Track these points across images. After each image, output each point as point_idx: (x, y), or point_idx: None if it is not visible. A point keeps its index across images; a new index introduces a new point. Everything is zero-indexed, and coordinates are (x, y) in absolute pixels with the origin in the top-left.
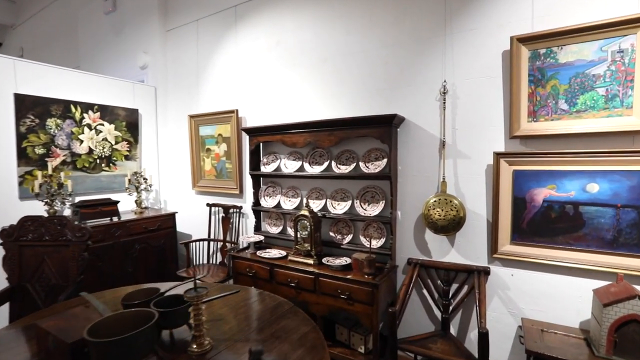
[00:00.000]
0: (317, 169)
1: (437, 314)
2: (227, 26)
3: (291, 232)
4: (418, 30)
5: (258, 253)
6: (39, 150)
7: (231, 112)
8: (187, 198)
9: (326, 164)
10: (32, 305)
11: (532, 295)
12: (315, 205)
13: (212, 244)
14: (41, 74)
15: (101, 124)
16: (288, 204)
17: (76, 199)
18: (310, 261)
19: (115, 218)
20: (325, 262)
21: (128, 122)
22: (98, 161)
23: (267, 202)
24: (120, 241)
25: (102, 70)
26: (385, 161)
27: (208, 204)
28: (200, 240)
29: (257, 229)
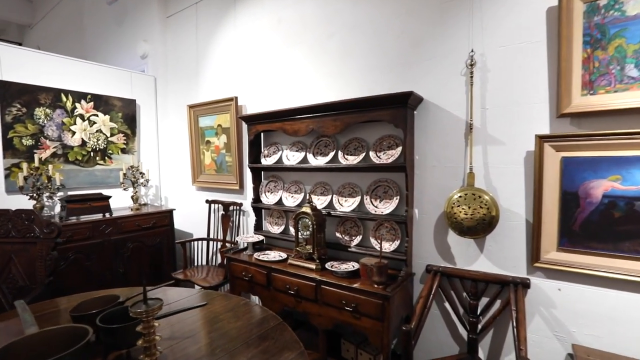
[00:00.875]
0: (322, 161)
1: (463, 333)
2: (227, 7)
3: (294, 232)
4: None
5: (255, 255)
6: (27, 141)
7: (230, 100)
8: (188, 194)
9: (332, 155)
10: None
11: (587, 316)
12: (320, 202)
13: (212, 244)
14: (28, 60)
15: (95, 115)
16: (290, 201)
17: (69, 194)
18: (312, 266)
19: (108, 214)
20: (328, 268)
21: (125, 114)
22: (92, 154)
23: (268, 199)
24: (110, 239)
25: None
26: (399, 150)
27: (207, 201)
28: (197, 239)
29: (258, 228)
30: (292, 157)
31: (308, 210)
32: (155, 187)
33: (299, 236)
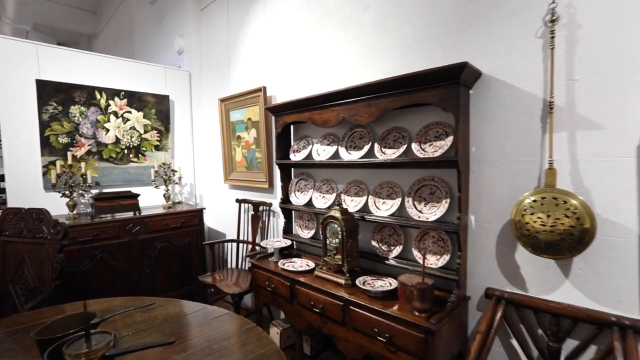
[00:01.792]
0: (356, 155)
1: None
2: None
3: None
4: None
5: (280, 263)
6: (63, 139)
7: (258, 91)
8: (220, 192)
9: (367, 148)
10: (14, 308)
11: None
12: (353, 204)
13: (242, 246)
14: (64, 59)
15: (128, 112)
16: (321, 201)
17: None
18: (340, 280)
19: (137, 213)
20: (359, 285)
21: (158, 110)
22: (126, 151)
23: (298, 199)
24: (138, 238)
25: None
26: (450, 140)
27: (237, 200)
28: (226, 241)
29: (287, 232)
30: (323, 152)
31: (337, 214)
32: (189, 185)
33: (327, 244)
